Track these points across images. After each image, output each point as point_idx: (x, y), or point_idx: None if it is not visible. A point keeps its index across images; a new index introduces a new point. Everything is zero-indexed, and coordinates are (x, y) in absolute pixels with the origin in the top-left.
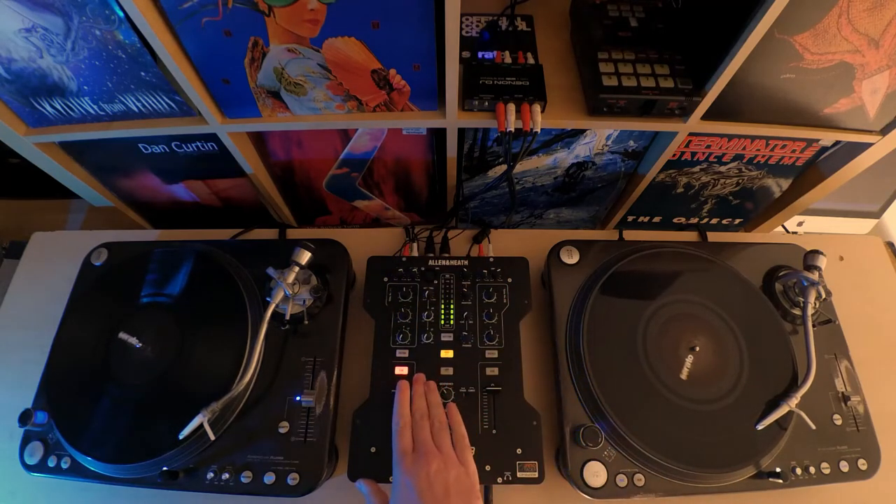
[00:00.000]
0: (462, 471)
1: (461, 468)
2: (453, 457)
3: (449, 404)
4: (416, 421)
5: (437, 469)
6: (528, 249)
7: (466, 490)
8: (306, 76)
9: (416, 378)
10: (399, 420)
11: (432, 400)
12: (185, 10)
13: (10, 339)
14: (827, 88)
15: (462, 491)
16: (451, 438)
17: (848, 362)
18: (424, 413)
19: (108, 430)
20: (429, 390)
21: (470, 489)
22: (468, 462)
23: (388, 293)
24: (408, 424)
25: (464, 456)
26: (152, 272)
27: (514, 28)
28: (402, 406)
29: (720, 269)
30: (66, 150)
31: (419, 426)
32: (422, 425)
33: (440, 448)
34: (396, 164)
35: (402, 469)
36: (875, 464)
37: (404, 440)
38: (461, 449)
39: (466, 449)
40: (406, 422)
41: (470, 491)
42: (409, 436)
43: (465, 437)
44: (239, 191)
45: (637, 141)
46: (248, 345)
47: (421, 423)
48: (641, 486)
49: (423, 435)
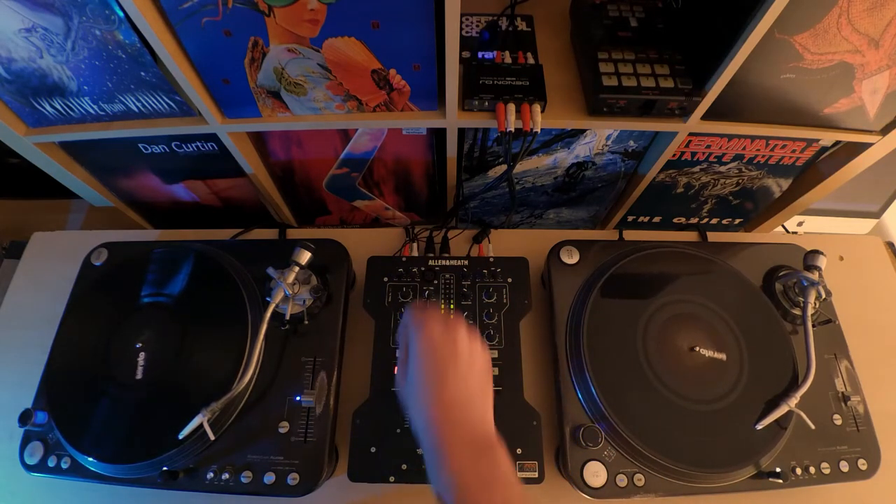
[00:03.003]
0: (476, 337)
1: (476, 335)
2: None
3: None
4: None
5: (447, 327)
6: (528, 249)
7: (487, 364)
8: (306, 76)
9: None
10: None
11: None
12: (185, 10)
13: (10, 339)
14: (827, 88)
15: (484, 361)
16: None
17: (848, 362)
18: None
19: (108, 430)
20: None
21: (488, 364)
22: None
23: (388, 293)
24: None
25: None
26: (152, 272)
27: (514, 28)
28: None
29: (720, 269)
30: (66, 150)
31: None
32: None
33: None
34: (396, 164)
35: (419, 328)
36: (875, 464)
37: (417, 309)
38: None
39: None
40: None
41: (489, 369)
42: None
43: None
44: (239, 191)
45: (637, 141)
46: (247, 345)
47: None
48: (641, 486)
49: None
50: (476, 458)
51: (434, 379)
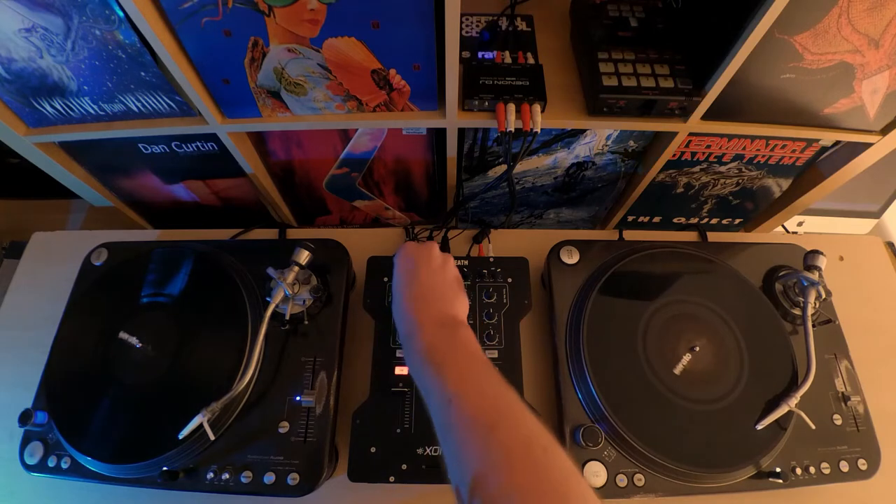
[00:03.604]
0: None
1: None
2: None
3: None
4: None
5: (431, 244)
6: (528, 249)
7: (458, 276)
8: (306, 76)
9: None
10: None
11: None
12: (185, 10)
13: (10, 339)
14: (827, 88)
15: (455, 273)
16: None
17: (848, 362)
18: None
19: (108, 430)
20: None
21: (459, 278)
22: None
23: (388, 293)
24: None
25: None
26: (152, 272)
27: (514, 28)
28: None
29: (720, 269)
30: (66, 150)
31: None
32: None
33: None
34: (396, 164)
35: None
36: (875, 464)
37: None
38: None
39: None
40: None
41: (460, 280)
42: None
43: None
44: (239, 191)
45: (637, 141)
46: (248, 345)
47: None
48: (641, 486)
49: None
50: (442, 327)
51: (409, 277)
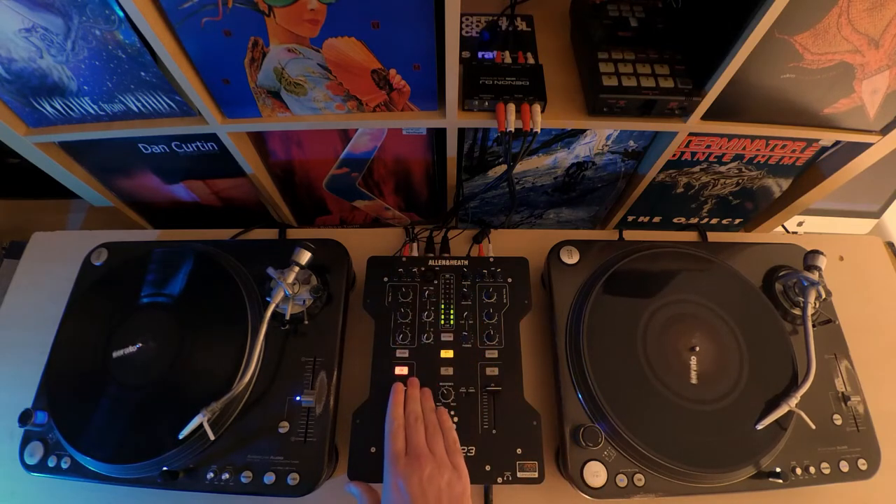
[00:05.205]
0: (454, 475)
1: (454, 473)
2: (446, 461)
3: (439, 409)
4: (409, 423)
5: (430, 473)
6: (528, 249)
7: (458, 495)
8: (306, 76)
9: (411, 381)
10: (393, 421)
11: (426, 405)
12: (185, 10)
13: (10, 339)
14: (827, 88)
15: (454, 496)
16: (443, 443)
17: (848, 362)
18: (419, 416)
19: (108, 430)
20: (423, 395)
21: (462, 494)
22: (460, 467)
23: (388, 293)
24: (401, 426)
25: (456, 460)
26: (152, 272)
27: (514, 28)
28: (397, 407)
29: (720, 269)
30: (66, 150)
31: (413, 429)
32: (416, 428)
33: (433, 452)
34: (396, 164)
35: (394, 471)
36: (875, 464)
37: (398, 442)
38: (453, 453)
39: (458, 453)
40: (400, 423)
41: (462, 496)
42: (402, 438)
43: (456, 442)
44: (239, 191)
45: (637, 141)
46: (248, 345)
47: (415, 426)
48: (641, 486)
49: (417, 438)
50: None
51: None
